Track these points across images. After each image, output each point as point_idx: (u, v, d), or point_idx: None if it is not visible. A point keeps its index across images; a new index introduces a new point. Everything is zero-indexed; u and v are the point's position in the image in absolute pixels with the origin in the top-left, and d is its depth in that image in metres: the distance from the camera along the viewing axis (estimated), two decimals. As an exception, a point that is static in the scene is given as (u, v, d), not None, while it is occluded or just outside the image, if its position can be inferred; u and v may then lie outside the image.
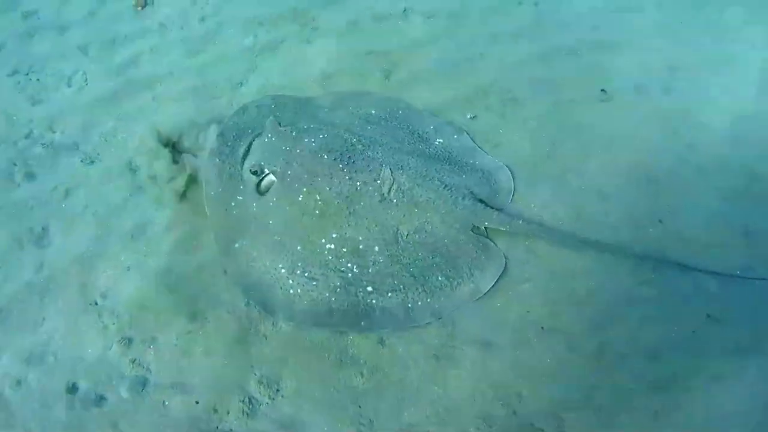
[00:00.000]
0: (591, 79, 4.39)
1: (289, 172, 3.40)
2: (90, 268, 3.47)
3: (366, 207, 3.37)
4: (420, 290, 3.30)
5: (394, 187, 3.41)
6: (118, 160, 3.84)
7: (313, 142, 3.49)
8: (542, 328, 3.36)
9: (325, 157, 3.43)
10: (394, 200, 3.40)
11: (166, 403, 3.09)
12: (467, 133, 4.03)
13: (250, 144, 3.55)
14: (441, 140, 3.93)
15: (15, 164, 3.85)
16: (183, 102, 4.10)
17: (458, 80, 4.37)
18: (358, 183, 3.39)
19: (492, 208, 3.57)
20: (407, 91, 4.29)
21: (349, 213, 3.36)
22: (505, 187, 3.76)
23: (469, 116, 4.17)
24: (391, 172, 3.44)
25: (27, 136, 3.97)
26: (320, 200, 3.36)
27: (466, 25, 4.71)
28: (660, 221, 3.76)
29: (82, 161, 3.86)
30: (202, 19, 4.55)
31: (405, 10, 4.72)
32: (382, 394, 3.14)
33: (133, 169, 3.81)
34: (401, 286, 3.30)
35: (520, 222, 3.56)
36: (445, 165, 3.72)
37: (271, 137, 3.54)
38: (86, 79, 4.23)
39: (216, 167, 3.51)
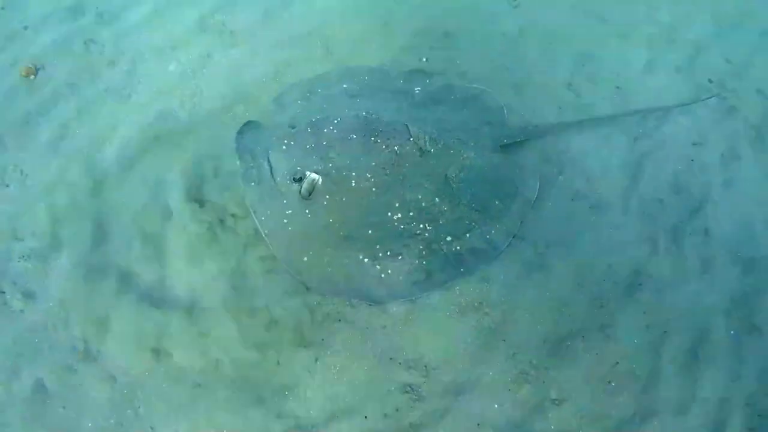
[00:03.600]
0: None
1: (330, 165, 3.28)
2: (167, 349, 3.07)
3: (412, 166, 3.39)
4: (488, 220, 3.45)
5: (427, 138, 3.46)
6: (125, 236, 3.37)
7: (333, 129, 3.39)
8: (590, 207, 3.72)
9: (354, 137, 3.37)
10: (432, 150, 3.46)
11: (338, 436, 2.95)
12: (433, 75, 4.15)
13: (268, 158, 3.35)
14: (419, 89, 4.02)
15: (2, 292, 3.18)
16: (153, 151, 3.66)
17: (392, 32, 4.42)
18: (395, 148, 3.39)
19: (504, 126, 3.81)
20: (355, 58, 4.25)
21: (402, 178, 3.36)
22: (495, 107, 3.98)
23: (424, 59, 4.29)
24: (417, 127, 3.48)
25: (-7, 258, 3.29)
26: (372, 177, 3.30)
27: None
28: (618, 87, 4.29)
29: (82, 255, 3.30)
30: (112, 63, 4.00)
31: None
32: (513, 321, 3.30)
33: (147, 237, 3.38)
34: (473, 224, 3.42)
35: (530, 128, 3.85)
36: (443, 106, 3.84)
37: (290, 142, 3.36)
38: (22, 171, 3.55)
39: (254, 192, 3.27)
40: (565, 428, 3.06)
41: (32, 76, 3.89)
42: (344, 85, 3.99)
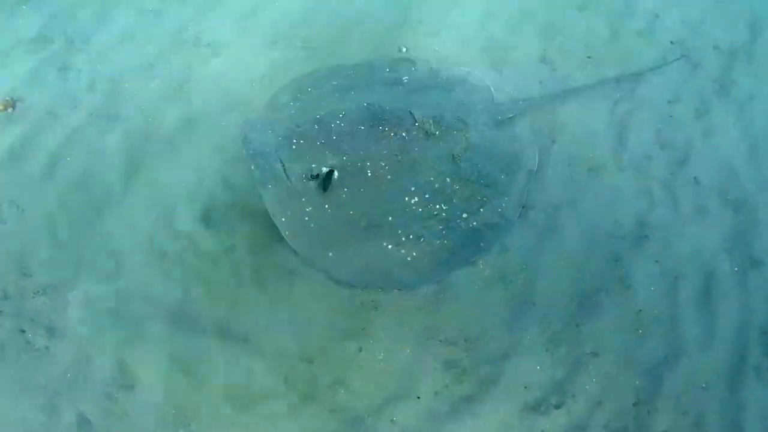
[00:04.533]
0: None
1: (345, 158, 3.31)
2: (203, 372, 3.01)
3: (420, 149, 3.46)
4: (498, 194, 3.56)
5: (431, 121, 3.54)
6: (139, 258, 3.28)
7: (340, 123, 3.42)
8: (588, 169, 3.88)
9: (362, 128, 3.41)
10: (437, 132, 3.54)
11: (394, 419, 2.95)
12: (417, 62, 4.23)
13: (280, 159, 3.34)
14: (407, 77, 4.09)
15: (23, 331, 3.04)
16: (152, 168, 3.58)
17: (368, 25, 4.45)
18: (403, 134, 3.45)
19: (494, 103, 3.93)
20: (337, 56, 4.28)
21: (413, 163, 3.42)
22: (483, 86, 4.10)
23: (404, 50, 4.36)
24: (419, 112, 3.54)
25: (5, 297, 3.12)
26: (386, 165, 3.35)
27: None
28: (588, 57, 4.49)
29: (98, 282, 3.20)
30: (91, 87, 3.89)
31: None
32: (538, 285, 3.41)
33: (160, 258, 3.30)
34: (484, 199, 3.52)
35: (520, 102, 3.99)
36: (434, 90, 3.93)
37: (299, 141, 3.37)
38: (18, 206, 3.40)
39: (272, 195, 3.26)
40: (606, 378, 3.18)
41: (10, 110, 3.74)
42: (334, 82, 4.01)
